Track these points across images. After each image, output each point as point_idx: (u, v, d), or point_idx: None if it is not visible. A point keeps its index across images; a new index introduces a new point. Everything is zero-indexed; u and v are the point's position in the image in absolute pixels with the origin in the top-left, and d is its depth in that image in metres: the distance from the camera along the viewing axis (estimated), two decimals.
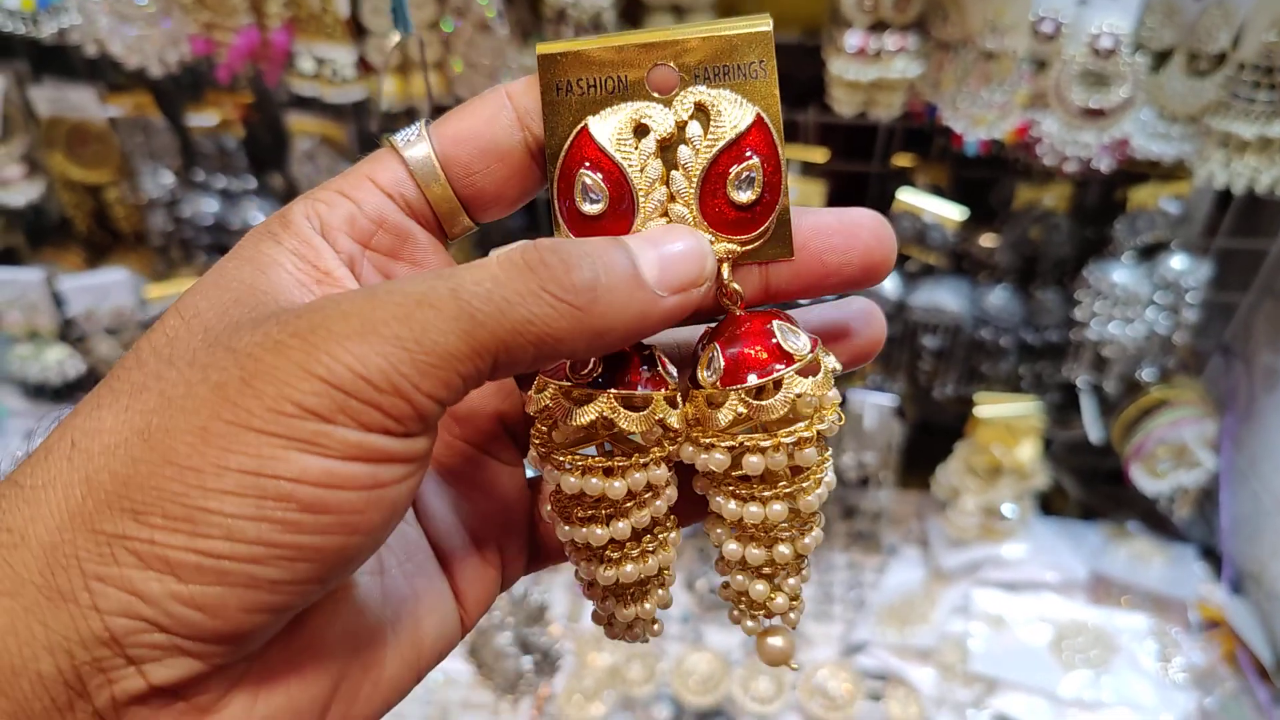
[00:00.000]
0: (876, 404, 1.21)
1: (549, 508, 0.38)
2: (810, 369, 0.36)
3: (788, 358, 0.36)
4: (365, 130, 1.20)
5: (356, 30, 1.07)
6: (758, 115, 0.36)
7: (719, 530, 0.39)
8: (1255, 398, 1.27)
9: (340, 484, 0.29)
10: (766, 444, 0.36)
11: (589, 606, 0.42)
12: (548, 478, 0.37)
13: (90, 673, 0.29)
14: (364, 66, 1.09)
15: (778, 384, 0.35)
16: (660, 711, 1.18)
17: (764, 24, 0.36)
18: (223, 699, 0.31)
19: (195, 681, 0.30)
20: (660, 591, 0.40)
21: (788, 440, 0.36)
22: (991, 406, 1.21)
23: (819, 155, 1.14)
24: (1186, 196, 1.10)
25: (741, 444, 0.36)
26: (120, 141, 1.24)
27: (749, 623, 0.39)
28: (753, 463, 0.36)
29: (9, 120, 1.22)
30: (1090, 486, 1.42)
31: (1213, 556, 1.33)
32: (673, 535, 0.39)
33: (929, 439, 1.35)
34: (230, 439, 0.29)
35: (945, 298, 1.14)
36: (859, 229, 0.37)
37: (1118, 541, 1.33)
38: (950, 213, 1.11)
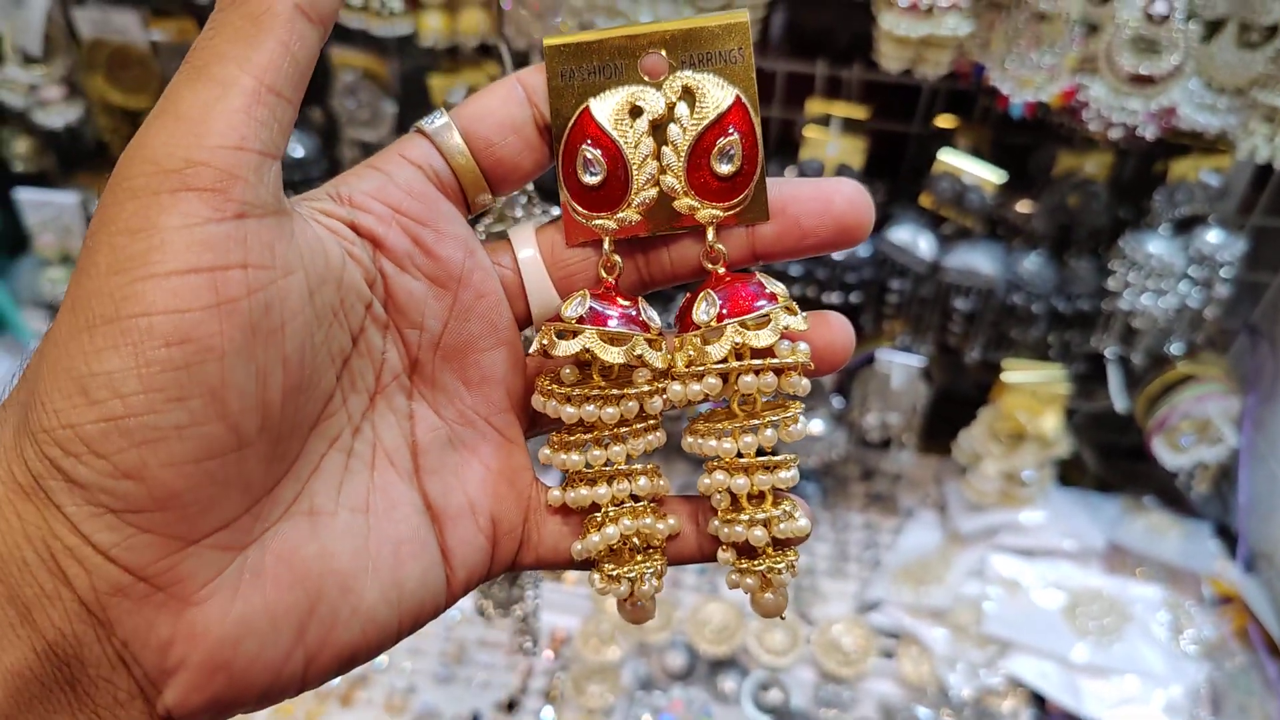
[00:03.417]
0: (904, 364, 1.22)
1: (546, 450, 0.43)
2: (790, 310, 0.41)
3: (773, 296, 0.41)
4: (408, 66, 1.20)
5: None
6: (737, 96, 0.41)
7: (714, 489, 0.42)
8: (1279, 379, 1.27)
9: (186, 304, 0.31)
10: (759, 364, 0.40)
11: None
12: (547, 410, 0.41)
13: (68, 561, 0.32)
14: (412, 0, 1.09)
15: (767, 317, 0.40)
16: (674, 659, 1.19)
17: (741, 16, 0.41)
18: (201, 592, 0.34)
19: (168, 569, 0.33)
20: (657, 562, 0.43)
21: (775, 362, 0.40)
22: (1019, 373, 1.22)
23: (861, 112, 1.14)
24: (1227, 170, 1.10)
25: (734, 368, 0.40)
26: (162, 67, 1.24)
27: (749, 580, 0.42)
28: (747, 381, 0.40)
29: (51, 41, 1.22)
30: (1109, 460, 1.43)
31: (1227, 534, 1.34)
32: (662, 482, 0.43)
33: (951, 405, 1.35)
34: (85, 300, 0.32)
35: (980, 261, 1.14)
36: (834, 195, 0.41)
37: (1134, 514, 1.34)
38: (989, 175, 1.11)
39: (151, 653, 0.33)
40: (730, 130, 0.41)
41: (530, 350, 0.41)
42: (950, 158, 1.12)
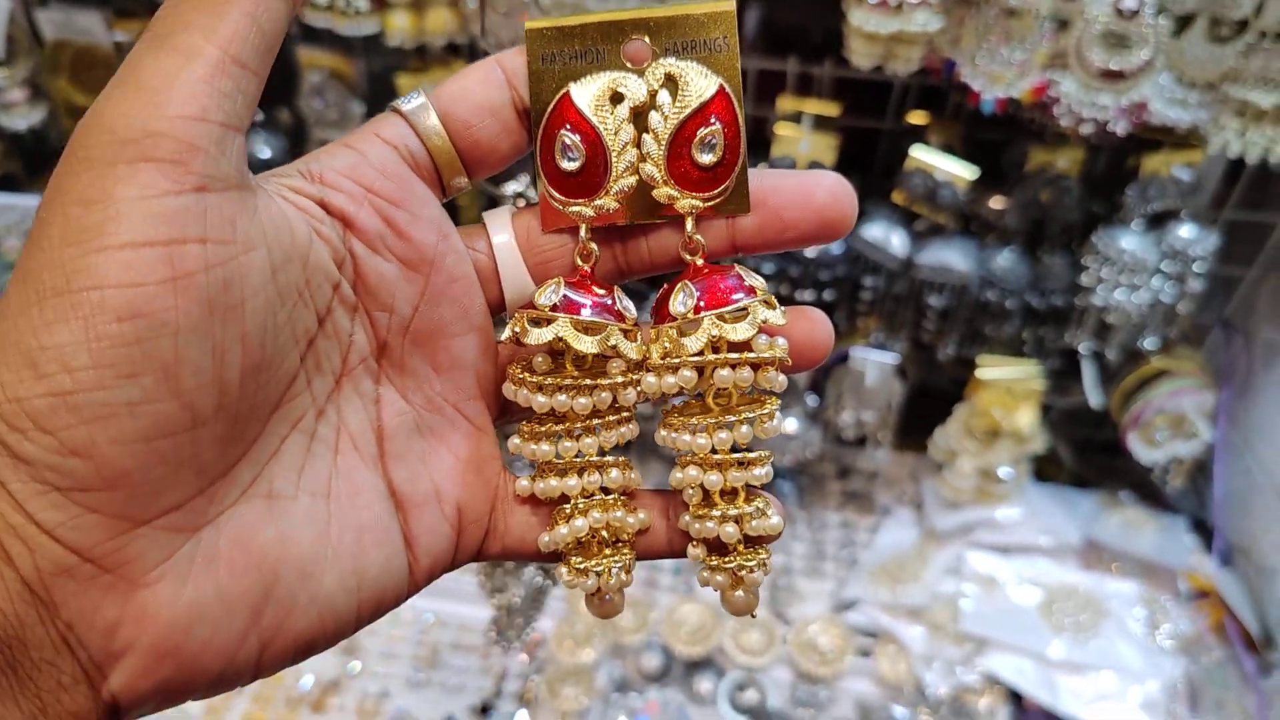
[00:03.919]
0: (878, 362, 1.21)
1: (516, 439, 0.42)
2: (768, 304, 0.40)
3: (752, 290, 0.40)
4: (375, 66, 1.19)
5: None
6: (721, 85, 0.40)
7: (688, 487, 0.41)
8: (1253, 373, 1.27)
9: (140, 278, 0.31)
10: (735, 357, 0.39)
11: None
12: (518, 399, 0.41)
13: (10, 539, 0.31)
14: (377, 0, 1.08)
15: (745, 311, 0.40)
16: (650, 660, 1.18)
17: (728, 4, 0.40)
18: (151, 574, 0.33)
19: (116, 550, 0.32)
20: (626, 556, 0.42)
21: (753, 356, 0.40)
22: (993, 369, 1.21)
23: (832, 109, 1.13)
24: (1199, 165, 1.09)
25: (710, 361, 0.39)
26: None
27: (719, 577, 0.42)
28: (723, 375, 0.39)
29: (13, 42, 1.20)
30: (1084, 456, 1.43)
31: (1203, 528, 1.34)
32: (633, 475, 0.43)
33: (926, 402, 1.35)
34: (37, 272, 0.31)
35: (953, 258, 1.14)
36: (816, 188, 0.40)
37: (1110, 509, 1.34)
38: (962, 171, 1.11)
39: (97, 635, 0.32)
40: (712, 120, 0.40)
41: (502, 337, 0.41)
42: (922, 154, 1.12)
